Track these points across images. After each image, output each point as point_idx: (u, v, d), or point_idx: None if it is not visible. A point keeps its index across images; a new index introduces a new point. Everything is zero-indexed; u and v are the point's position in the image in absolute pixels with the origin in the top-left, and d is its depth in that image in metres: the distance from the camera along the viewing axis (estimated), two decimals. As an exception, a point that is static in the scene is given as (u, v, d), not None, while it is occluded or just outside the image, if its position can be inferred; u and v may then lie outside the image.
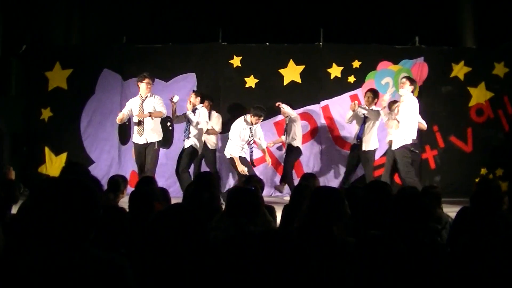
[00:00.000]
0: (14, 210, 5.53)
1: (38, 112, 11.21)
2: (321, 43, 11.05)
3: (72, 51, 11.72)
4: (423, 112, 10.86)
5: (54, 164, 10.91)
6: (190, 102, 9.54)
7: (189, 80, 10.88)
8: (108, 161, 11.04)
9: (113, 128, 11.03)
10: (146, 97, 9.28)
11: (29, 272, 2.21)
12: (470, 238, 3.23)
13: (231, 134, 9.45)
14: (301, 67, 10.96)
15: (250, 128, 9.40)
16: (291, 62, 11.00)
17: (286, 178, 9.95)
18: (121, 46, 11.31)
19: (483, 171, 11.01)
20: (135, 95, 10.97)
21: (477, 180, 10.55)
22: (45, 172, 10.93)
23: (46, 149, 11.12)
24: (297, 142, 10.09)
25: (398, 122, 8.91)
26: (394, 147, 8.96)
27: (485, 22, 12.18)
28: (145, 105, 9.24)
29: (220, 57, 11.10)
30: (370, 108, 9.61)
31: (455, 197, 9.24)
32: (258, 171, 10.07)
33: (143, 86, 9.30)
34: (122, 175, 7.54)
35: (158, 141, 9.27)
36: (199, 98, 9.55)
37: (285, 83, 10.80)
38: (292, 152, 10.13)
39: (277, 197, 10.26)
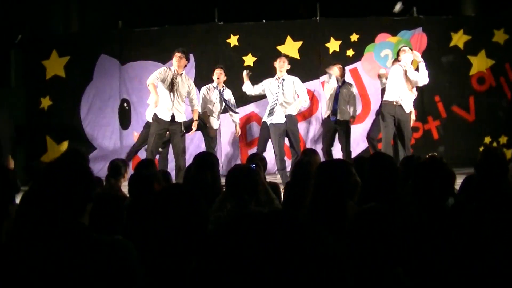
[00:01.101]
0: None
1: (37, 102, 11.18)
2: (318, 17, 10.97)
3: (68, 39, 11.66)
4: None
5: (56, 153, 10.87)
6: (218, 79, 9.30)
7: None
8: (110, 147, 11.02)
9: (113, 114, 11.03)
10: (181, 73, 8.60)
11: (33, 259, 2.22)
12: (477, 206, 3.20)
13: None
14: (299, 43, 10.90)
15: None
16: (289, 39, 10.93)
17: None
18: (118, 31, 11.25)
19: (487, 139, 10.97)
20: (133, 79, 10.96)
21: (481, 149, 10.55)
22: (48, 161, 10.91)
23: (48, 138, 11.11)
24: None
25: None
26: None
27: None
28: (178, 82, 8.54)
29: (218, 37, 11.05)
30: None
31: (459, 167, 9.19)
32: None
33: (174, 60, 8.62)
34: (122, 159, 7.52)
35: (183, 122, 8.65)
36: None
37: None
38: None
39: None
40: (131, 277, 2.27)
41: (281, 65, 9.01)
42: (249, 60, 10.89)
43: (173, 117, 8.40)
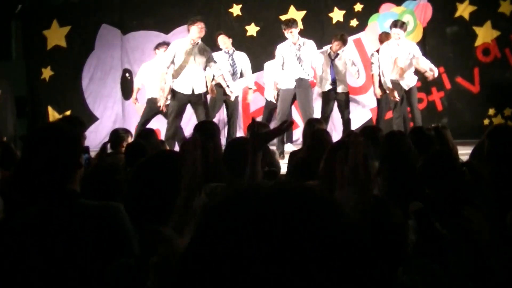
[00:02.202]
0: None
1: (38, 72, 11.16)
2: (321, -13, 10.87)
3: (69, 8, 11.56)
4: (428, 54, 10.75)
5: (58, 123, 10.88)
6: (224, 44, 9.16)
7: (190, 31, 10.75)
8: (112, 117, 11.03)
9: (115, 84, 11.01)
10: (197, 43, 8.32)
11: (25, 229, 2.20)
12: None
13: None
14: (303, 13, 10.80)
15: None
16: (292, 8, 10.84)
17: None
18: (119, 0, 11.16)
19: (491, 111, 10.88)
20: (134, 49, 10.88)
21: (485, 121, 10.50)
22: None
23: (49, 109, 11.09)
24: None
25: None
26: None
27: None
28: (196, 52, 8.29)
29: (220, 6, 11.01)
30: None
31: (463, 139, 9.16)
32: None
33: (194, 29, 8.24)
34: (125, 128, 7.48)
35: (204, 93, 8.51)
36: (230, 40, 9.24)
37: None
38: None
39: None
40: (123, 241, 2.24)
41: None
42: (251, 30, 10.81)
43: (193, 89, 8.27)
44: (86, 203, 2.29)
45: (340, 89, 9.01)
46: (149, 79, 9.35)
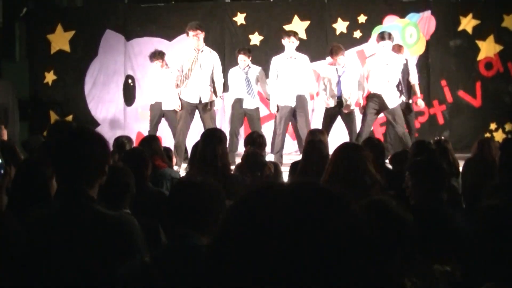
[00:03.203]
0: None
1: (41, 76, 11.19)
2: (326, -3, 10.90)
3: (73, 13, 11.64)
4: (431, 67, 10.78)
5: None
6: (242, 62, 9.17)
7: (194, 39, 10.77)
8: (114, 123, 11.02)
9: (117, 89, 11.03)
10: (202, 50, 8.42)
11: (39, 229, 2.21)
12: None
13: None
14: (306, 23, 10.81)
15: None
16: (296, 18, 10.84)
17: None
18: (124, 6, 11.22)
19: (492, 125, 10.89)
20: (138, 55, 10.91)
21: (486, 134, 10.49)
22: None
23: (51, 113, 11.11)
24: None
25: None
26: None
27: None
28: (201, 60, 8.40)
29: (224, 14, 11.01)
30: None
31: (465, 153, 9.15)
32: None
33: (190, 39, 8.40)
34: (127, 135, 7.51)
35: (212, 102, 8.53)
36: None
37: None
38: None
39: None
40: (134, 253, 2.25)
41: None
42: (255, 39, 10.82)
43: (200, 98, 8.34)
44: (101, 211, 2.31)
45: (349, 107, 9.02)
46: (152, 85, 9.42)
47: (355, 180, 3.32)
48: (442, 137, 8.65)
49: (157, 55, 9.37)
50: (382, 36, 8.70)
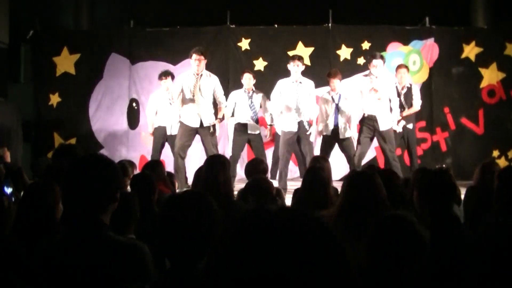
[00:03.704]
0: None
1: (46, 98, 11.23)
2: (330, 24, 10.96)
3: (79, 36, 11.70)
4: (434, 94, 10.81)
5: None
6: (247, 84, 9.19)
7: (198, 64, 10.84)
8: (117, 146, 11.04)
9: (121, 113, 11.06)
10: (201, 75, 8.41)
11: (52, 255, 2.22)
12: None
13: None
14: (310, 49, 10.87)
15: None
16: (300, 44, 10.91)
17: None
18: (129, 30, 11.29)
19: (495, 153, 10.90)
20: (143, 79, 10.97)
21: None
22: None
23: (55, 135, 11.14)
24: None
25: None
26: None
27: (496, 1, 11.99)
28: (201, 84, 8.39)
29: (229, 39, 11.07)
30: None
31: (467, 180, 9.15)
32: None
33: (191, 63, 8.41)
34: (129, 160, 7.54)
35: (213, 125, 8.53)
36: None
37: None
38: None
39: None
40: (146, 280, 2.26)
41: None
42: (259, 64, 10.87)
43: (201, 122, 8.35)
44: (114, 238, 2.32)
45: (343, 134, 8.98)
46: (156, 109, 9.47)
47: (367, 208, 3.34)
48: (444, 165, 8.67)
49: (167, 74, 9.41)
50: (373, 55, 8.75)
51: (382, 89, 8.59)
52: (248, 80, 9.16)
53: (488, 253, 3.04)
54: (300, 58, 8.80)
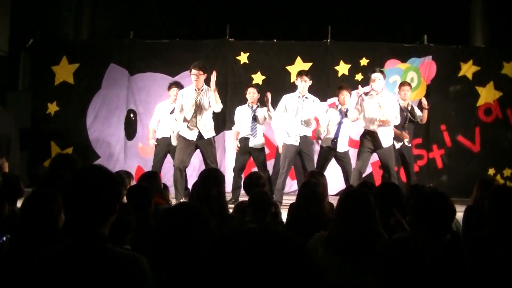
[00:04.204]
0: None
1: (44, 107, 11.23)
2: (329, 40, 11.01)
3: (79, 46, 11.75)
4: (432, 111, 10.84)
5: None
6: (251, 98, 9.20)
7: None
8: (114, 156, 11.05)
9: (119, 123, 11.07)
10: (201, 89, 8.43)
11: (48, 270, 2.22)
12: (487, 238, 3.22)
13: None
14: (309, 64, 10.88)
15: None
16: (299, 59, 10.95)
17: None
18: (129, 41, 11.32)
19: (491, 171, 10.93)
20: (141, 90, 11.00)
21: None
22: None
23: (52, 144, 11.14)
24: None
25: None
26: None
27: (494, 21, 12.09)
28: (202, 99, 8.43)
29: (228, 53, 11.09)
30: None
31: (462, 197, 9.17)
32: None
33: (191, 78, 8.47)
34: (127, 170, 7.55)
35: (213, 137, 8.64)
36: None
37: (292, 80, 10.54)
38: None
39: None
40: None
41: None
42: (257, 78, 10.89)
43: (199, 135, 8.41)
44: (113, 250, 2.32)
45: (341, 148, 9.03)
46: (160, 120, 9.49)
47: (359, 228, 3.36)
48: (431, 184, 8.69)
49: (177, 85, 9.43)
50: (373, 70, 8.80)
51: (386, 106, 8.64)
52: (252, 94, 9.20)
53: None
54: (307, 74, 8.85)
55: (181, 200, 7.71)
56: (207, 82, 8.45)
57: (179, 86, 9.35)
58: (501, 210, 3.61)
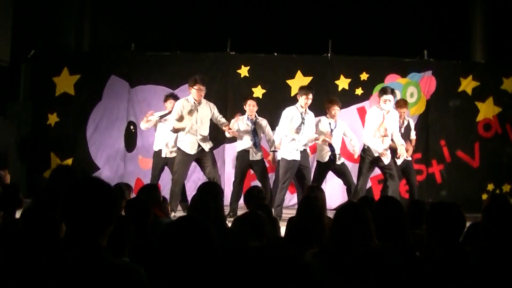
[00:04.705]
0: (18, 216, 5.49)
1: (44, 117, 11.24)
2: (329, 54, 11.04)
3: (80, 57, 11.77)
4: (431, 126, 10.87)
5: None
6: (250, 110, 9.23)
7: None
8: (114, 168, 11.04)
9: (119, 135, 11.07)
10: (200, 102, 8.62)
11: (47, 280, 2.23)
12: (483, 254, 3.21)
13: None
14: (309, 78, 10.91)
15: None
16: (299, 73, 10.98)
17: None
18: (130, 53, 11.35)
19: (490, 186, 10.94)
20: (141, 102, 11.01)
21: (484, 195, 10.54)
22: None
23: (52, 155, 11.14)
24: None
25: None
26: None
27: (494, 36, 12.14)
28: (200, 112, 8.61)
29: (228, 66, 11.12)
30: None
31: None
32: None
33: (193, 92, 8.57)
34: (127, 183, 7.57)
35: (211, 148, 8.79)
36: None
37: (292, 94, 10.55)
38: None
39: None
40: None
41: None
42: (258, 92, 10.90)
43: (199, 147, 8.50)
44: (112, 261, 2.33)
45: (339, 160, 9.10)
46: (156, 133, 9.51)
47: (354, 242, 3.38)
48: (429, 200, 8.70)
49: (173, 97, 9.49)
50: (384, 91, 8.78)
51: (391, 125, 8.71)
52: (252, 107, 9.21)
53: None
54: (312, 91, 8.88)
55: (173, 214, 7.74)
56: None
57: (176, 98, 9.41)
58: (497, 226, 3.61)
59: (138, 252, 3.65)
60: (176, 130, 8.56)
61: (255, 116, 9.25)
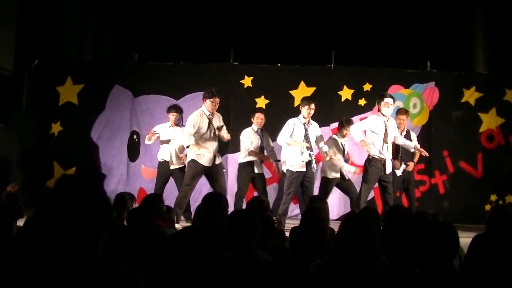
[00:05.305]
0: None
1: (48, 127, 11.26)
2: (332, 65, 11.05)
3: (84, 67, 11.79)
4: (433, 137, 10.85)
5: (62, 179, 10.89)
6: (258, 123, 9.24)
7: (200, 99, 10.84)
8: (117, 178, 11.04)
9: (122, 145, 11.08)
10: (213, 115, 8.62)
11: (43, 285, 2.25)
12: (487, 265, 3.20)
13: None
14: (312, 89, 10.93)
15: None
16: (302, 84, 10.99)
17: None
18: (133, 63, 11.37)
19: (493, 197, 10.92)
20: (144, 112, 11.03)
21: (487, 206, 10.53)
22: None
23: (55, 164, 11.15)
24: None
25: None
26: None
27: (496, 47, 12.16)
28: (214, 123, 8.63)
29: (231, 77, 11.12)
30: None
31: (464, 223, 9.18)
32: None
33: (208, 104, 8.56)
34: (129, 192, 7.56)
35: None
36: None
37: (295, 105, 10.57)
38: None
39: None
40: None
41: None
42: (261, 102, 10.90)
43: (214, 160, 8.52)
44: (108, 269, 2.34)
45: (344, 175, 9.13)
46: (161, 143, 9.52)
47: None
48: (431, 211, 8.71)
49: (176, 109, 9.50)
50: (382, 95, 8.82)
51: (391, 131, 8.72)
52: (260, 120, 9.21)
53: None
54: (315, 102, 8.91)
55: (177, 225, 7.75)
56: None
57: (178, 110, 9.43)
58: (501, 237, 3.61)
59: (138, 262, 3.66)
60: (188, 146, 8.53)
61: (262, 129, 9.26)
